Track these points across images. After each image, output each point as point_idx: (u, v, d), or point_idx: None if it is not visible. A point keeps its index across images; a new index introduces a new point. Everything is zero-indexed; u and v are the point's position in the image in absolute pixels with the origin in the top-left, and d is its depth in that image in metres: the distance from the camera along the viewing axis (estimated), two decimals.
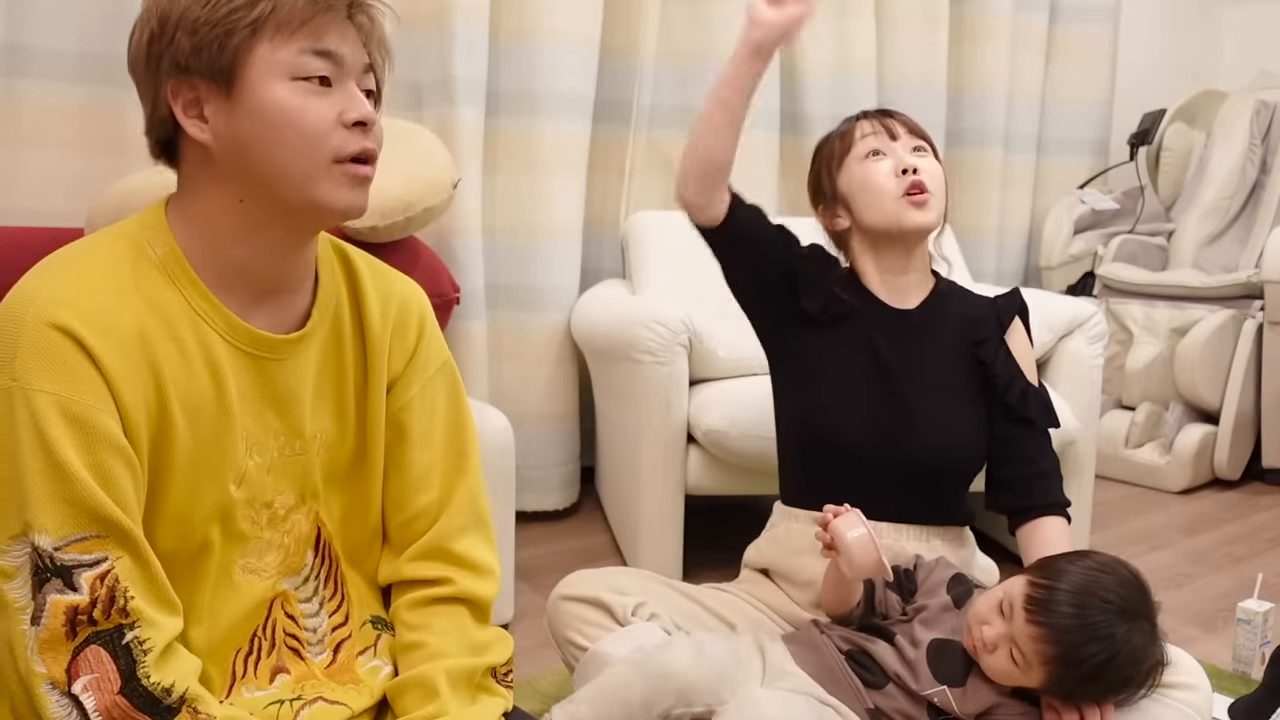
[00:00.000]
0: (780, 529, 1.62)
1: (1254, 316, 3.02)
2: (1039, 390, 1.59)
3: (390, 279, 1.14)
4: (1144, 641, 1.24)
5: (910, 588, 1.44)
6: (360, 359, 1.09)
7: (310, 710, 1.02)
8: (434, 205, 1.85)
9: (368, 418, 1.10)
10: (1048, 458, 1.58)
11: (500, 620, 1.99)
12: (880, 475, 1.54)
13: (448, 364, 1.17)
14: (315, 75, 0.95)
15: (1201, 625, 2.11)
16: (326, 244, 1.10)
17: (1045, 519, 1.53)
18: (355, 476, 1.10)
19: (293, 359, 1.03)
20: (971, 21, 3.32)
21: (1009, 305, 1.64)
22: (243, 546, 1.01)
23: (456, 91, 2.30)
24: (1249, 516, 2.85)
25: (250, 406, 1.00)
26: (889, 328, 1.58)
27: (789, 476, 1.66)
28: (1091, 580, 1.24)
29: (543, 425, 2.60)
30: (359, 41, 0.99)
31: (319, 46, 0.95)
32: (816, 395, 1.59)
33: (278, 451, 1.02)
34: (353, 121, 0.96)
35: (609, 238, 2.80)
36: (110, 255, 0.95)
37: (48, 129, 1.99)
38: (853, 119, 1.64)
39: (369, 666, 1.09)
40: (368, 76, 1.01)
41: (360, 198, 0.99)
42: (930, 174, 1.56)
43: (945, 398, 1.56)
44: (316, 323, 1.05)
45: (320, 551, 1.09)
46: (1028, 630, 1.24)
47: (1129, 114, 3.69)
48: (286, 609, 1.06)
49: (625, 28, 2.70)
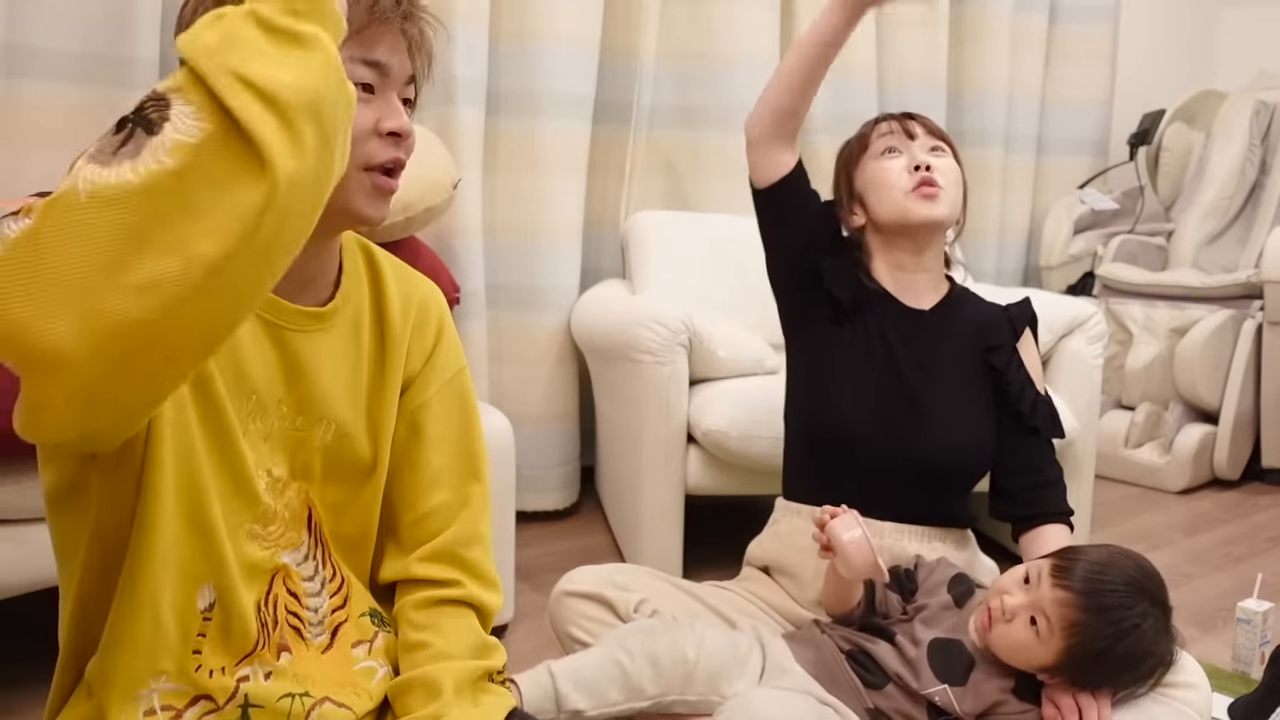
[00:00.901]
0: (783, 524, 1.62)
1: (1253, 316, 3.02)
2: (1047, 400, 1.61)
3: (413, 280, 1.15)
4: (1157, 626, 1.27)
5: (911, 587, 1.45)
6: (379, 355, 1.09)
7: (320, 711, 1.02)
8: (434, 205, 1.86)
9: (380, 415, 1.09)
10: (1052, 467, 1.59)
11: (500, 620, 1.99)
12: (886, 473, 1.54)
13: (464, 371, 1.17)
14: (360, 83, 0.94)
15: (1201, 625, 2.11)
16: (352, 240, 1.11)
17: (1048, 527, 1.55)
18: (358, 471, 1.09)
19: (307, 334, 1.02)
20: (971, 21, 3.32)
21: (1022, 314, 1.65)
22: (252, 508, 0.99)
23: (457, 92, 2.31)
24: (1248, 516, 2.85)
25: (260, 371, 0.99)
26: (902, 325, 1.60)
27: (794, 471, 1.66)
28: (1115, 558, 1.30)
29: (543, 425, 2.60)
30: (406, 52, 0.99)
31: (369, 56, 0.95)
32: (829, 388, 1.60)
33: (279, 421, 1.01)
34: (388, 131, 0.96)
35: (609, 238, 2.80)
36: None
37: (48, 129, 1.99)
38: (873, 121, 1.66)
39: (363, 666, 1.08)
40: (409, 87, 1.01)
41: (381, 209, 0.99)
42: (945, 172, 1.58)
43: (956, 400, 1.57)
44: (338, 305, 1.05)
45: (312, 533, 1.07)
46: (1054, 595, 1.26)
47: (1129, 114, 3.69)
48: (289, 585, 1.04)
49: (625, 29, 2.70)
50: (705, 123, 2.78)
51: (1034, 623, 1.27)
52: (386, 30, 0.96)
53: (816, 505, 1.54)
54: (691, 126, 2.79)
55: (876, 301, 1.61)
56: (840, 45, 1.57)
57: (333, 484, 1.08)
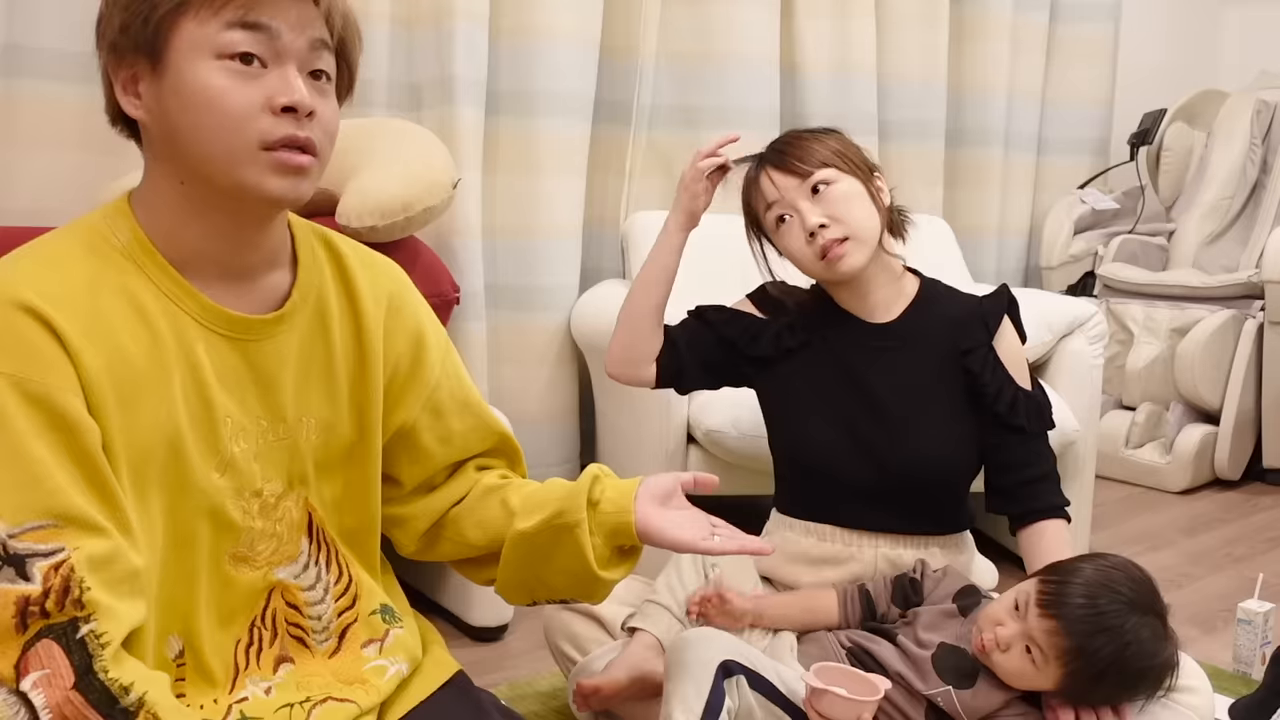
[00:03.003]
0: (775, 537, 1.61)
1: (1254, 316, 3.02)
2: (1030, 394, 1.56)
3: (375, 261, 1.12)
4: (1153, 636, 1.25)
5: (916, 600, 1.45)
6: (356, 342, 1.07)
7: (321, 710, 1.01)
8: (434, 205, 1.85)
9: (365, 401, 1.07)
10: (1044, 460, 1.57)
11: (499, 621, 1.99)
12: (871, 491, 1.53)
13: (441, 331, 1.19)
14: (240, 52, 0.89)
15: (1202, 626, 2.11)
16: (306, 229, 1.07)
17: (1045, 522, 1.53)
18: (352, 461, 1.08)
19: (271, 340, 0.99)
20: (971, 21, 3.31)
21: (995, 307, 1.59)
22: (233, 536, 0.98)
23: (456, 91, 2.30)
24: (1249, 517, 2.84)
25: (232, 391, 0.97)
26: (865, 343, 1.56)
27: (784, 489, 1.66)
28: (1103, 576, 1.27)
29: (543, 425, 2.59)
30: (306, 18, 0.92)
31: (247, 19, 0.89)
32: (798, 424, 1.59)
33: (261, 437, 0.99)
34: (281, 106, 0.90)
35: (609, 238, 2.79)
36: (74, 243, 0.92)
37: (48, 129, 1.98)
38: (751, 172, 1.57)
39: (374, 665, 1.07)
40: (318, 55, 0.93)
41: (293, 186, 0.92)
42: (839, 210, 1.48)
43: (928, 411, 1.54)
44: (296, 304, 1.01)
45: (315, 537, 1.06)
46: (1042, 625, 1.25)
47: (1129, 114, 3.69)
48: (287, 598, 1.04)
49: (625, 28, 2.69)
50: (705, 123, 2.77)
51: (1029, 650, 1.26)
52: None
53: (809, 521, 1.57)
54: (691, 126, 2.78)
55: (837, 327, 1.58)
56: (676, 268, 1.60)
57: (327, 480, 1.07)
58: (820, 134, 1.56)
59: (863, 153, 1.57)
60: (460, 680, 1.16)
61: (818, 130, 1.58)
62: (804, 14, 2.93)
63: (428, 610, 1.93)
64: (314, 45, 0.93)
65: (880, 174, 1.57)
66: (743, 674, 1.25)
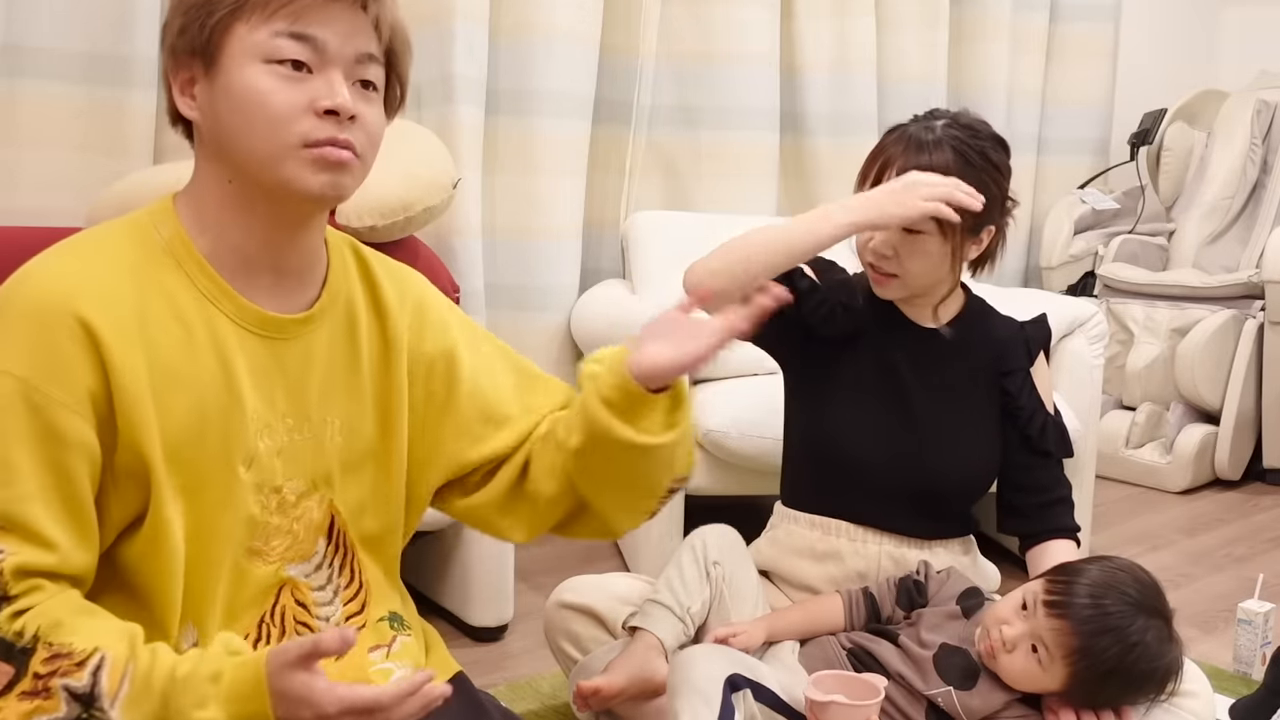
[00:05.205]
0: (780, 530, 1.62)
1: (1255, 316, 3.02)
2: (1057, 420, 1.60)
3: (399, 270, 1.16)
4: (1159, 639, 1.26)
5: (921, 601, 1.45)
6: (382, 349, 1.10)
7: None
8: (434, 205, 1.85)
9: (389, 403, 1.10)
10: (1061, 485, 1.60)
11: (499, 621, 1.99)
12: (889, 493, 1.54)
13: (462, 314, 1.22)
14: (288, 59, 0.93)
15: (1202, 626, 2.11)
16: (339, 238, 1.11)
17: (1055, 542, 1.56)
18: (376, 465, 1.10)
19: (300, 340, 1.03)
20: (971, 21, 3.31)
21: (1039, 334, 1.63)
22: (250, 530, 1.00)
23: (456, 91, 2.30)
24: (1249, 517, 2.84)
25: (261, 388, 1.00)
26: (912, 346, 1.58)
27: (793, 481, 1.65)
28: (1109, 577, 1.28)
29: None
30: (354, 29, 0.96)
31: (295, 29, 0.93)
32: (829, 413, 1.58)
33: (286, 435, 1.02)
34: (324, 109, 0.94)
35: (609, 238, 2.79)
36: (114, 239, 0.96)
37: (48, 129, 1.98)
38: (894, 158, 1.51)
39: (379, 668, 1.08)
40: (364, 67, 0.98)
41: (333, 182, 0.96)
42: (906, 256, 1.48)
43: (962, 421, 1.57)
44: (325, 305, 1.05)
45: (334, 539, 1.08)
46: (1049, 624, 1.25)
47: (1129, 114, 3.68)
48: (296, 596, 1.05)
49: (625, 28, 2.69)
50: (705, 123, 2.77)
51: (1035, 650, 1.27)
52: (314, 2, 0.94)
53: (816, 515, 1.57)
54: (691, 126, 2.78)
55: (884, 322, 1.58)
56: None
57: (352, 483, 1.08)
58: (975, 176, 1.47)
59: (998, 201, 1.51)
60: (460, 681, 1.16)
61: (979, 163, 1.48)
62: (804, 14, 2.93)
63: (428, 610, 1.93)
64: (360, 59, 0.97)
65: (1008, 213, 1.55)
66: (748, 687, 1.26)
